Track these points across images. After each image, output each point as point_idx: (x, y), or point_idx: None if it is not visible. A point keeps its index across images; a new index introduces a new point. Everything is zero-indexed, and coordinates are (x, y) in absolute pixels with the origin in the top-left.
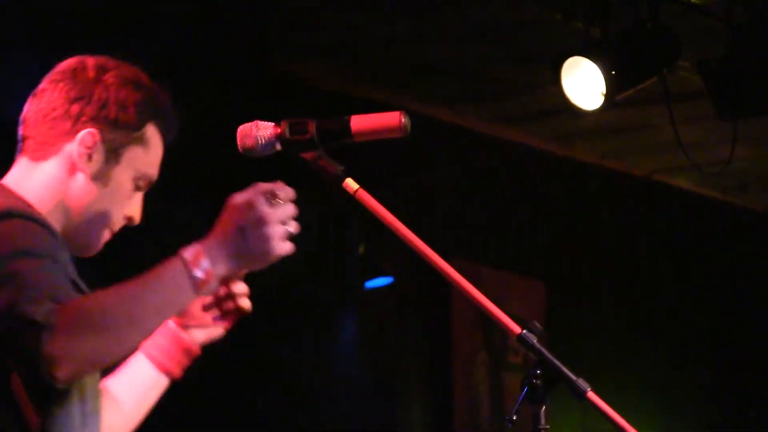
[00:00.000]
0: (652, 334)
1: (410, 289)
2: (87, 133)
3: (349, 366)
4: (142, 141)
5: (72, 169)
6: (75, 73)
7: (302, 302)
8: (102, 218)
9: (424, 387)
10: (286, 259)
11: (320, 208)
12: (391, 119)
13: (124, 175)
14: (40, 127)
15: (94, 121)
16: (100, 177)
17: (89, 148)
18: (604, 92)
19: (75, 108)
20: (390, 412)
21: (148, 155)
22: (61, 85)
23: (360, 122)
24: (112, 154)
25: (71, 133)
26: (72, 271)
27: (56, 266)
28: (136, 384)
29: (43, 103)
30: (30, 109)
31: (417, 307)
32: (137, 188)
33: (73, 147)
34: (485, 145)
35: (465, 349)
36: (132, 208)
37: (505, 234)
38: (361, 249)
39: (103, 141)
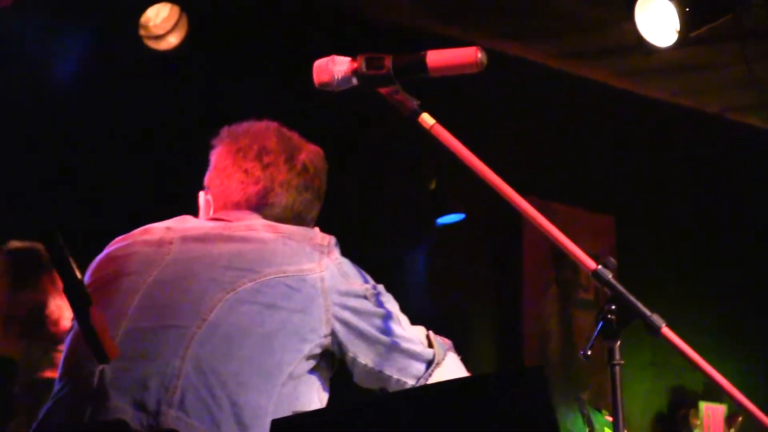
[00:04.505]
0: (724, 269)
1: (482, 224)
2: None
3: (420, 299)
4: None
5: None
6: None
7: (375, 237)
8: None
9: (494, 320)
10: (357, 195)
11: (393, 145)
12: (468, 54)
13: None
14: None
15: None
16: None
17: None
18: (678, 29)
19: None
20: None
21: None
22: None
23: (436, 57)
24: None
25: None
26: None
27: None
28: None
29: None
30: None
31: (488, 242)
32: None
33: None
34: (556, 82)
35: (536, 284)
36: None
37: (574, 170)
38: (432, 185)
39: None
